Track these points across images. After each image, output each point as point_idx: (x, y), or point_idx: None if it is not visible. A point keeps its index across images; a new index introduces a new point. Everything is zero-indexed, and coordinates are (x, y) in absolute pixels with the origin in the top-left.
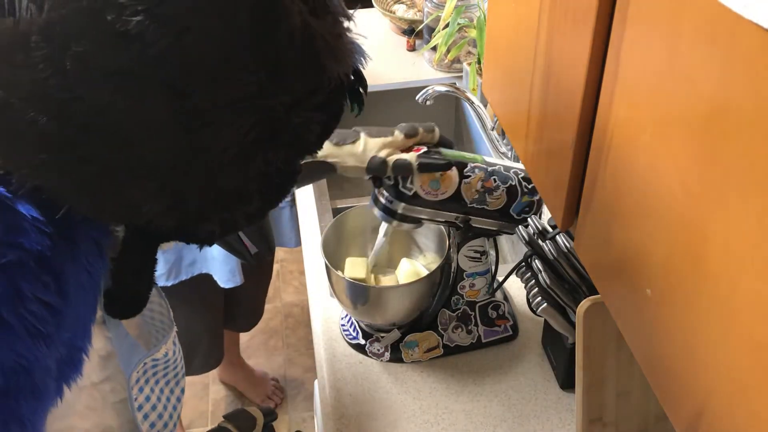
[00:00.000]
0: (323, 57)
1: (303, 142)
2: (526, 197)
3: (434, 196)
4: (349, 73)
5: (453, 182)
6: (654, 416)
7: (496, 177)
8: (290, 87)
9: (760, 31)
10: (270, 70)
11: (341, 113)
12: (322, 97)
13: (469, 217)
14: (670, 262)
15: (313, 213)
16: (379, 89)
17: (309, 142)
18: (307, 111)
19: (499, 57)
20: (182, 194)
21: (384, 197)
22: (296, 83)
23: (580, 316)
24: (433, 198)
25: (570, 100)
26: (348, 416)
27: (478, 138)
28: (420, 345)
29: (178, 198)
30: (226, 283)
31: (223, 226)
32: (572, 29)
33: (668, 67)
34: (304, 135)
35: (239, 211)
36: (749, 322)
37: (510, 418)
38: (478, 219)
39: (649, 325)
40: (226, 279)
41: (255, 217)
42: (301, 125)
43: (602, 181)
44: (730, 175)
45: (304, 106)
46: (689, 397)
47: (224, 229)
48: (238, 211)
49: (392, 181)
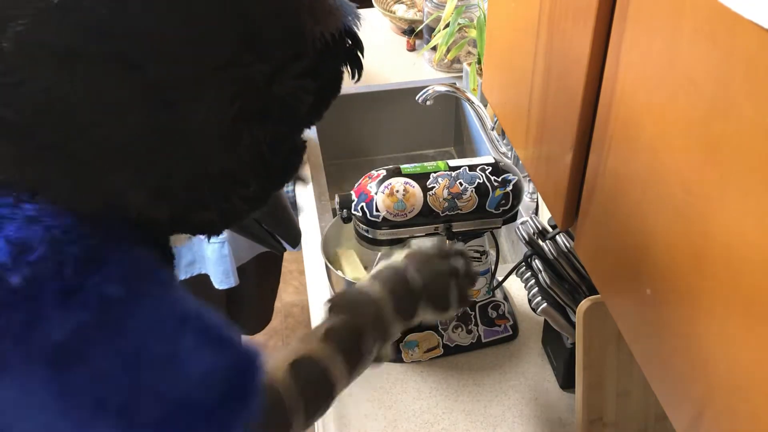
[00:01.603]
0: (300, 16)
1: (293, 114)
2: (499, 190)
3: (404, 216)
4: (334, 34)
5: (417, 198)
6: (654, 416)
7: (461, 180)
8: (266, 53)
9: (760, 31)
10: (239, 34)
11: (339, 80)
12: (309, 63)
13: (449, 224)
14: (670, 262)
15: (313, 213)
16: (379, 89)
17: (301, 114)
18: (292, 79)
19: (499, 57)
20: (166, 180)
21: (362, 229)
22: (272, 48)
23: (580, 316)
24: (403, 218)
25: (570, 100)
26: (348, 416)
27: (478, 138)
28: (420, 345)
29: (162, 184)
30: (220, 285)
31: (222, 213)
32: (572, 29)
33: (668, 67)
34: (293, 106)
35: (236, 195)
36: (749, 321)
37: (510, 418)
38: (458, 223)
39: (649, 325)
40: (219, 280)
41: (255, 201)
42: (287, 96)
43: (602, 181)
44: (730, 175)
45: (288, 73)
46: (689, 397)
47: (225, 217)
48: (234, 195)
49: (359, 213)
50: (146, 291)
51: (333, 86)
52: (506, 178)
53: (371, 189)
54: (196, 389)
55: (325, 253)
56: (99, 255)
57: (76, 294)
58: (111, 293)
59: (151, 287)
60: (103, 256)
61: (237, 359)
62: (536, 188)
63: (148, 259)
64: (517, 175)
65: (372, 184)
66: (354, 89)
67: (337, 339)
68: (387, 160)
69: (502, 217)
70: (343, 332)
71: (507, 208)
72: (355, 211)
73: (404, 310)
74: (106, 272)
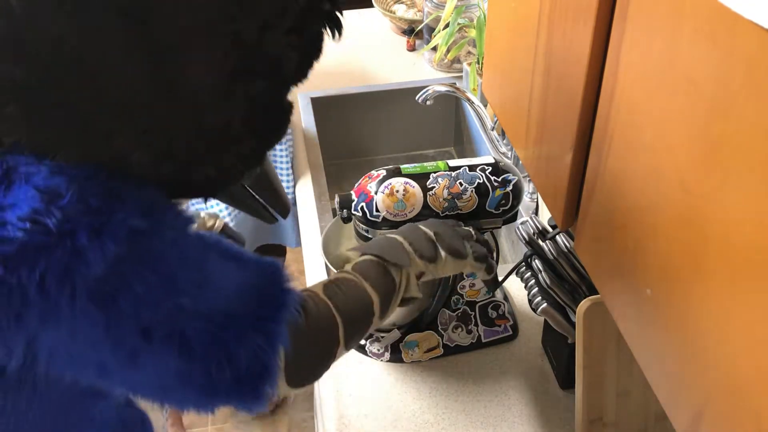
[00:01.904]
0: None
1: (281, 71)
2: (499, 191)
3: (404, 216)
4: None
5: (417, 198)
6: (654, 416)
7: (461, 180)
8: (254, 9)
9: (760, 31)
10: None
11: (321, 41)
12: (293, 21)
13: None
14: (670, 262)
15: (313, 213)
16: (379, 89)
17: (288, 71)
18: (279, 36)
19: (499, 57)
20: (168, 137)
21: (362, 229)
22: (261, 4)
23: (580, 316)
24: (403, 218)
25: (570, 100)
26: (348, 416)
27: (478, 138)
28: (420, 345)
29: (164, 141)
30: None
31: (219, 169)
32: (572, 29)
33: (668, 67)
34: (281, 63)
35: (232, 151)
36: (749, 322)
37: (510, 418)
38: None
39: (649, 325)
40: None
41: (250, 159)
42: (275, 52)
43: (602, 181)
44: (730, 175)
45: (276, 30)
46: (689, 397)
47: (222, 174)
48: (230, 151)
49: (359, 213)
50: (167, 223)
51: (316, 45)
52: (506, 178)
53: (371, 189)
54: (233, 303)
55: (325, 253)
56: (120, 193)
57: (105, 229)
58: (137, 226)
59: (171, 219)
60: (123, 194)
61: (262, 270)
62: (536, 188)
63: (162, 195)
64: (517, 175)
65: (372, 184)
66: (354, 89)
67: (362, 269)
68: (387, 160)
69: (502, 217)
70: (367, 264)
71: (507, 208)
72: (355, 211)
73: (421, 249)
74: (129, 207)
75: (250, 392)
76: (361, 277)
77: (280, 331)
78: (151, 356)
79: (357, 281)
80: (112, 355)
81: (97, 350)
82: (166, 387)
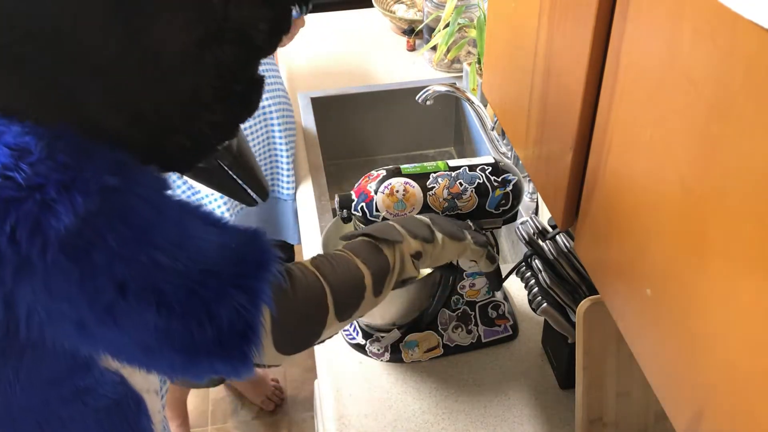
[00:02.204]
0: None
1: (249, 40)
2: (499, 191)
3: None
4: None
5: (417, 198)
6: (654, 416)
7: (461, 180)
8: None
9: (760, 31)
10: None
11: (289, 13)
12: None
13: None
14: (670, 262)
15: (313, 213)
16: (379, 89)
17: (257, 41)
18: (246, 6)
19: (499, 57)
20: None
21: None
22: None
23: (580, 316)
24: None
25: (570, 100)
26: (348, 416)
27: (478, 138)
28: (420, 345)
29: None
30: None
31: (192, 138)
32: (572, 29)
33: (668, 67)
34: (249, 32)
35: (204, 119)
36: (749, 322)
37: (510, 418)
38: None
39: (649, 325)
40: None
41: (222, 127)
42: (244, 21)
43: (602, 181)
44: (730, 175)
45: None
46: (689, 397)
47: (195, 143)
48: (202, 119)
49: (359, 213)
50: (140, 181)
51: (284, 19)
52: (506, 178)
53: (371, 189)
54: (213, 261)
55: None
56: (90, 152)
57: (75, 183)
58: (108, 182)
59: (144, 179)
60: (93, 153)
61: (244, 234)
62: (536, 188)
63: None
64: (517, 175)
65: (372, 184)
66: (354, 89)
67: (353, 247)
68: (387, 160)
69: (502, 217)
70: (357, 242)
71: (507, 208)
72: (355, 211)
73: (415, 231)
74: (99, 164)
75: (234, 353)
76: (352, 253)
77: (262, 289)
78: (128, 312)
79: (346, 255)
80: (90, 310)
81: (73, 305)
82: (147, 348)
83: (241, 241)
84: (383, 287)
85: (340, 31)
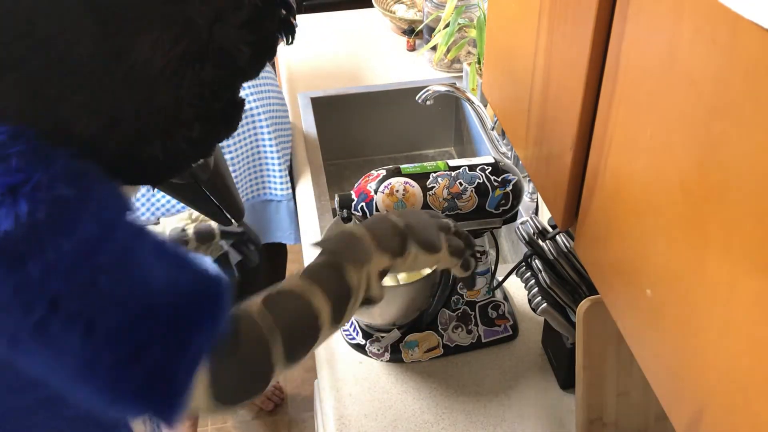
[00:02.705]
0: None
1: (233, 62)
2: (498, 190)
3: None
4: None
5: (417, 198)
6: (654, 416)
7: (461, 180)
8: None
9: (760, 31)
10: None
11: (274, 41)
12: (248, 16)
13: None
14: (670, 263)
15: (313, 213)
16: (379, 89)
17: (239, 64)
18: (231, 28)
19: (499, 57)
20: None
21: None
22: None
23: (580, 316)
24: None
25: (570, 100)
26: (348, 416)
27: (478, 138)
28: (420, 345)
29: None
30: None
31: (166, 152)
32: (572, 29)
33: (668, 67)
34: (232, 55)
35: (181, 134)
36: (749, 322)
37: (510, 418)
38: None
39: (649, 325)
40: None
41: (199, 145)
42: (227, 44)
43: (602, 181)
44: (730, 175)
45: (228, 22)
46: (689, 397)
47: (168, 157)
48: (179, 134)
49: (359, 213)
50: (97, 197)
51: (269, 45)
52: (506, 178)
53: (371, 189)
54: (156, 298)
55: None
56: (46, 154)
57: (24, 188)
58: (61, 192)
59: (102, 195)
60: (50, 156)
61: (200, 276)
62: (536, 188)
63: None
64: (517, 175)
65: (372, 184)
66: (354, 89)
67: (313, 273)
68: (387, 160)
69: (502, 217)
70: (319, 267)
71: (507, 208)
72: (355, 211)
73: (386, 244)
74: (54, 172)
75: (158, 400)
76: (313, 282)
77: (199, 343)
78: (58, 332)
79: (303, 292)
80: (23, 322)
81: (8, 314)
82: (74, 375)
83: (193, 283)
84: (344, 314)
85: (340, 31)
